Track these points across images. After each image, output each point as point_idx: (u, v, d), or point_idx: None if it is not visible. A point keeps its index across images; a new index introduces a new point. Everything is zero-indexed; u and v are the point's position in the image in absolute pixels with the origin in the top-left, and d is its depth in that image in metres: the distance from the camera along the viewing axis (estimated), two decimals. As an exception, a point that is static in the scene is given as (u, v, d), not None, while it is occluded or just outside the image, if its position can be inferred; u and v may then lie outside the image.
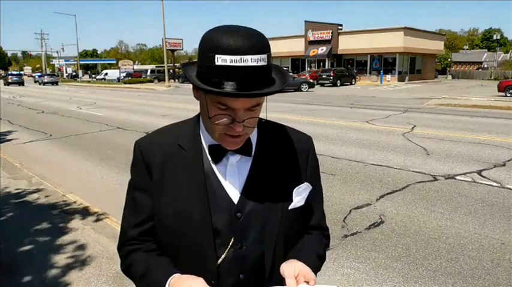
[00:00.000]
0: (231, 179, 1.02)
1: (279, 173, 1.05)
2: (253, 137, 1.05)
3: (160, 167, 1.04)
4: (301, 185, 1.07)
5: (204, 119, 0.99)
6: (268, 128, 1.10)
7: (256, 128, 1.05)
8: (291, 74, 30.77)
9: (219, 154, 1.01)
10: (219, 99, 0.90)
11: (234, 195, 1.02)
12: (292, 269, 0.95)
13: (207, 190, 1.01)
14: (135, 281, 1.06)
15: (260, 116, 1.04)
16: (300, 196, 1.06)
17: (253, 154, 1.04)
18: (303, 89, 26.65)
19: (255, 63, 0.86)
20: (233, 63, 0.85)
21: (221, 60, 0.85)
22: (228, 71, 0.85)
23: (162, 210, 1.03)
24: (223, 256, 1.00)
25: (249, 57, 0.85)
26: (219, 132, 0.95)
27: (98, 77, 57.76)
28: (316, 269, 1.08)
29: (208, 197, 1.00)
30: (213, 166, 1.03)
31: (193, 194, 1.01)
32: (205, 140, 1.04)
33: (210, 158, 1.02)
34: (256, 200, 1.02)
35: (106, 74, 56.78)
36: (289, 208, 1.05)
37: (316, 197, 1.14)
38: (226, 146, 0.98)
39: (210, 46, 0.87)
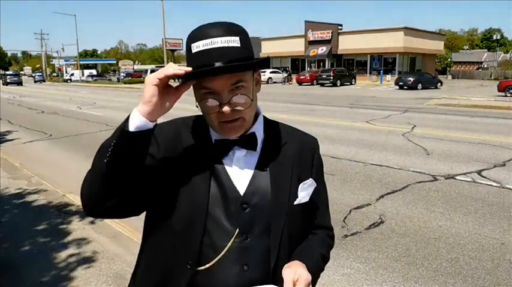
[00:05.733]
0: (238, 172, 1.04)
1: (285, 168, 1.07)
2: (259, 133, 1.07)
3: (168, 150, 1.04)
4: (306, 181, 1.09)
5: (201, 111, 1.02)
6: (274, 127, 1.13)
7: (262, 125, 1.08)
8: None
9: (225, 147, 1.03)
10: (202, 85, 0.95)
11: (241, 187, 1.03)
12: (292, 274, 0.97)
13: (214, 181, 1.02)
14: (96, 165, 0.94)
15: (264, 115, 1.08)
16: (305, 191, 1.09)
17: (260, 148, 1.06)
18: (438, 87, 29.90)
19: (226, 44, 0.92)
20: (205, 47, 0.91)
21: (195, 47, 0.93)
22: (202, 55, 0.92)
23: (162, 188, 1.01)
24: (228, 246, 1.01)
25: (219, 39, 0.92)
26: (216, 121, 0.98)
27: (65, 77, 56.87)
28: (319, 270, 1.10)
29: (209, 187, 1.01)
30: (221, 159, 1.04)
31: (197, 181, 1.01)
32: (213, 135, 1.06)
33: (217, 152, 1.04)
34: (262, 194, 1.04)
35: (72, 74, 55.64)
36: (295, 203, 1.06)
37: (321, 196, 1.17)
38: (226, 134, 1.00)
39: (188, 39, 0.96)
